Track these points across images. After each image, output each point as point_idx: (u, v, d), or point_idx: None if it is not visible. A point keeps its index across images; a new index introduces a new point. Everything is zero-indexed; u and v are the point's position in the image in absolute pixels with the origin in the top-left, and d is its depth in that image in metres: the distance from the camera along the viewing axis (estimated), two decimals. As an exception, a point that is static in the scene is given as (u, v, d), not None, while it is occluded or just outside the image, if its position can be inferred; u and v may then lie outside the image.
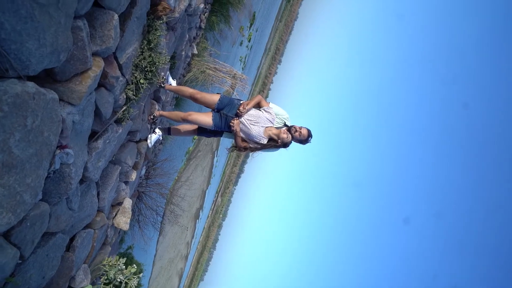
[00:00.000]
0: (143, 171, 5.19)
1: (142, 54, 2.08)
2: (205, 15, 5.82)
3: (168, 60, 3.20)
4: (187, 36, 3.83)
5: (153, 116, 3.23)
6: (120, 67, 1.85)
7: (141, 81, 2.12)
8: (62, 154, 1.42)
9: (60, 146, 1.42)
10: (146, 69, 2.14)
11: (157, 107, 3.39)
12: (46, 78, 1.33)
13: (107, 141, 2.08)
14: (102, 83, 1.72)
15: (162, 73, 3.20)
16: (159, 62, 2.25)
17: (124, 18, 1.73)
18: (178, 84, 5.68)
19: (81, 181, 2.01)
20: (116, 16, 1.53)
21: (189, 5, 3.22)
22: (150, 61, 2.14)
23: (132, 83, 2.10)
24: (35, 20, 0.99)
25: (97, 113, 1.83)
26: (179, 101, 6.68)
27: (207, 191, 28.50)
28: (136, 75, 2.09)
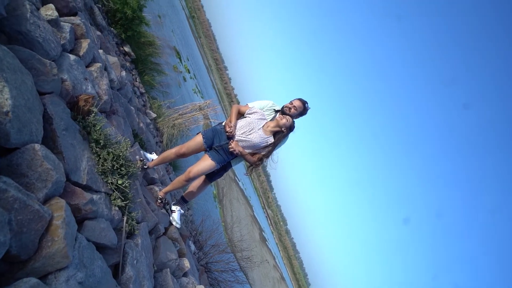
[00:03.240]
0: (193, 247, 4.89)
1: (99, 158, 1.78)
2: (137, 80, 5.60)
3: (131, 144, 2.90)
4: (133, 108, 3.55)
5: (159, 199, 2.93)
6: (86, 188, 1.55)
7: (119, 182, 1.82)
8: (94, 325, 1.11)
9: (86, 319, 1.11)
10: (115, 168, 1.84)
11: (157, 188, 3.09)
12: (12, 266, 1.03)
13: (135, 261, 1.77)
14: (80, 217, 1.42)
15: (137, 156, 2.91)
16: (122, 152, 1.95)
17: (51, 140, 1.43)
18: (161, 151, 5.40)
19: (142, 319, 1.71)
20: (37, 146, 1.23)
21: (111, 80, 2.94)
22: (113, 158, 1.84)
23: (113, 191, 1.80)
24: None
25: (102, 247, 1.53)
26: (173, 164, 6.43)
27: (255, 214, 28.30)
28: (110, 181, 1.79)
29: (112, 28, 5.00)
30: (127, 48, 5.39)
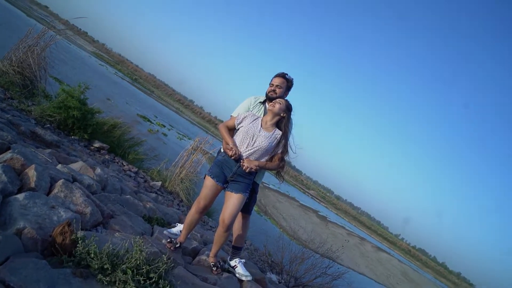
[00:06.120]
0: (274, 277, 4.46)
1: (117, 284, 1.36)
2: (124, 164, 5.33)
3: (147, 233, 2.49)
4: (129, 196, 3.14)
5: (214, 266, 2.50)
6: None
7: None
8: None
9: None
10: (142, 281, 1.42)
11: (204, 257, 2.66)
12: None
13: None
14: None
15: (163, 241, 2.49)
16: (139, 257, 1.52)
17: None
18: (187, 209, 4.99)
19: None
20: None
21: (88, 186, 2.54)
22: (134, 272, 1.42)
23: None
24: None
25: None
26: (206, 215, 6.06)
27: (302, 202, 27.94)
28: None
29: (72, 136, 4.78)
30: (97, 144, 5.18)
